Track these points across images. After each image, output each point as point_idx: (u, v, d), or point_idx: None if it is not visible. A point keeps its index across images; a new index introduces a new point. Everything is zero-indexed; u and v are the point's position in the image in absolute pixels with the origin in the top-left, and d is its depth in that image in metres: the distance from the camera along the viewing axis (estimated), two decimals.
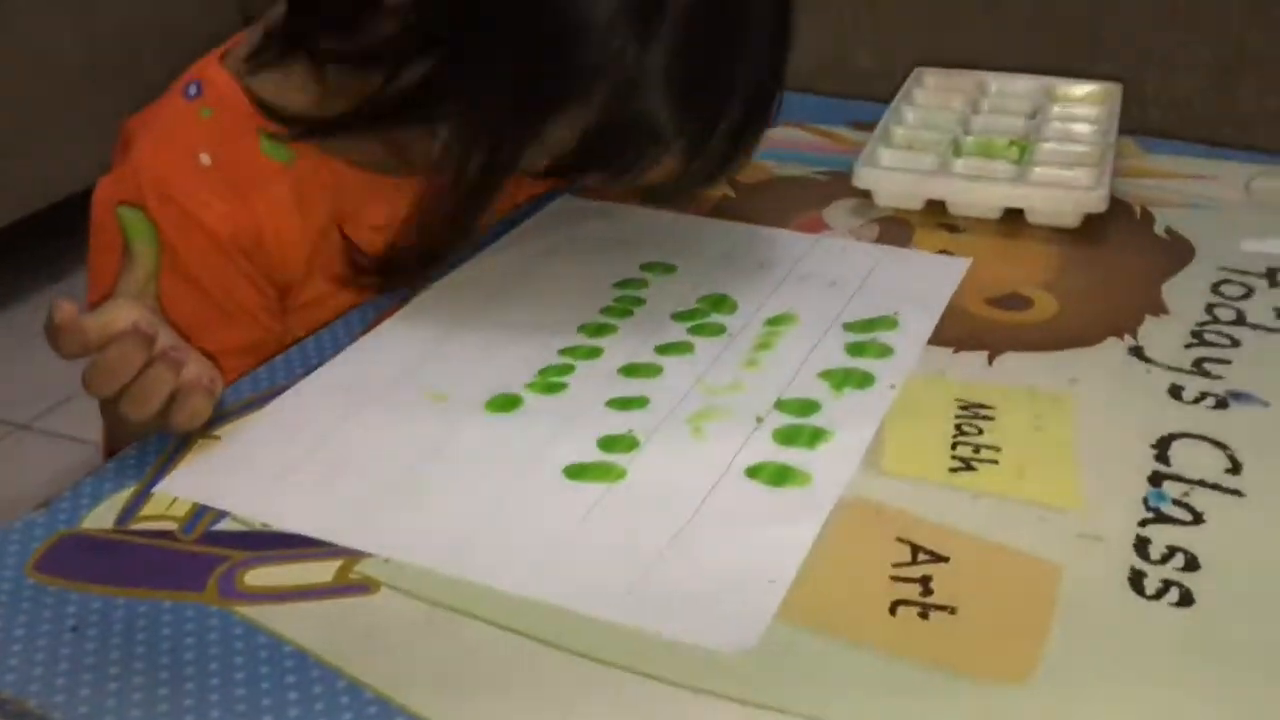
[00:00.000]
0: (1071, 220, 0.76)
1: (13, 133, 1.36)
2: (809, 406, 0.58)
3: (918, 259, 0.73)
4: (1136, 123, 1.38)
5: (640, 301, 0.68)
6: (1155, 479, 0.53)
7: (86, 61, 1.41)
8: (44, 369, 1.34)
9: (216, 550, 0.50)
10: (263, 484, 0.54)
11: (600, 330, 0.65)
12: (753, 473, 0.54)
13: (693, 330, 0.65)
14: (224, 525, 0.51)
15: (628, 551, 0.49)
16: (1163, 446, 0.55)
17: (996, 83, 0.92)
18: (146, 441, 0.56)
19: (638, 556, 0.49)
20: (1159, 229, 0.76)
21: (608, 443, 0.56)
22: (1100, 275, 0.71)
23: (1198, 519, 0.51)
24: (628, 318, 0.67)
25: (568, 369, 0.62)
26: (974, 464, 0.54)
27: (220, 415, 0.58)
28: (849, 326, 0.65)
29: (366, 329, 0.66)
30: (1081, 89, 0.91)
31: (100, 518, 0.52)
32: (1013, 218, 0.76)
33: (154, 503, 0.53)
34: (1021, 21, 1.35)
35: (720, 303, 0.68)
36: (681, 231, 0.76)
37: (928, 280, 0.70)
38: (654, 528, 0.50)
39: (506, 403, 0.59)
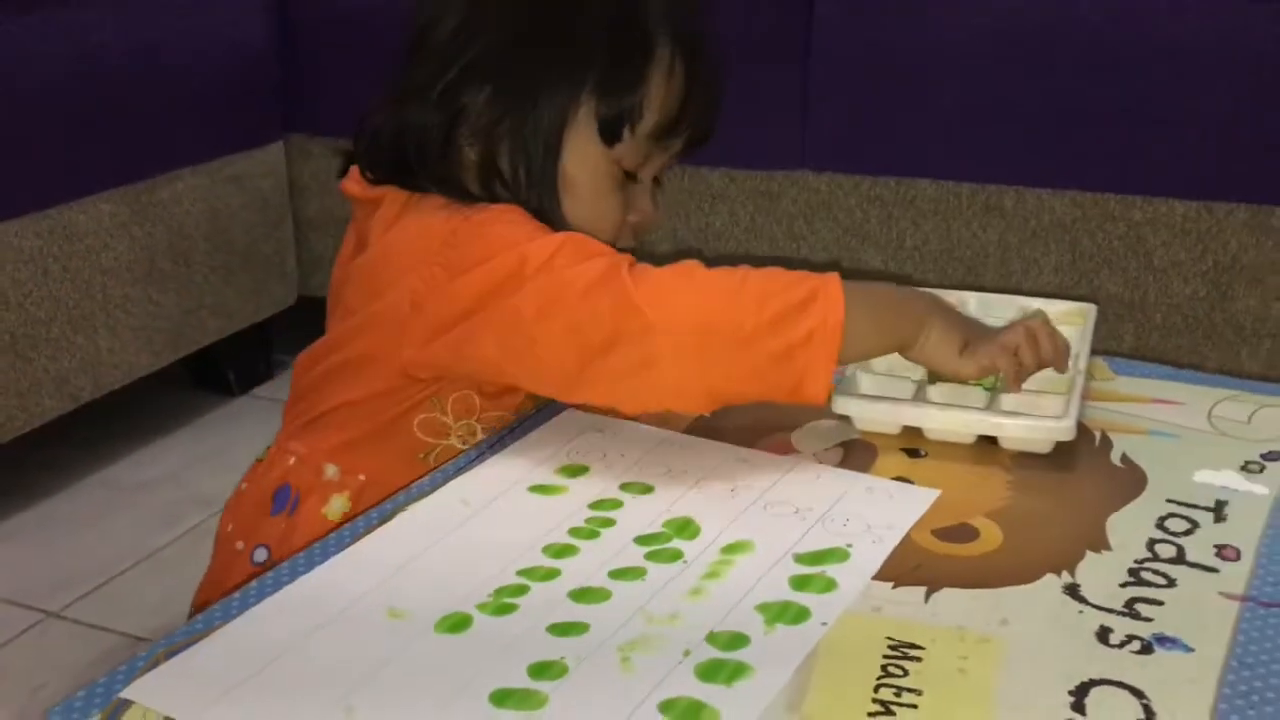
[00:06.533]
0: (1043, 447, 0.78)
1: (65, 331, 1.45)
2: (738, 640, 0.60)
3: (888, 489, 0.75)
4: (1138, 325, 1.40)
5: (610, 523, 0.71)
6: None
7: (141, 267, 1.52)
8: (75, 559, 1.40)
9: None
10: (203, 704, 0.56)
11: (563, 551, 0.68)
12: (665, 708, 0.55)
13: (650, 556, 0.68)
14: None
15: None
16: (1081, 694, 0.56)
17: (976, 302, 0.96)
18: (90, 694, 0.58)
19: None
20: (1115, 457, 0.78)
21: (538, 669, 0.58)
22: (1050, 506, 0.73)
23: None
24: (593, 539, 0.70)
25: (522, 590, 0.65)
26: (893, 707, 0.56)
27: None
28: (800, 558, 0.67)
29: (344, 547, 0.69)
30: (1056, 309, 0.94)
31: None
32: (988, 441, 0.79)
33: None
34: (1027, 229, 1.39)
35: (684, 527, 0.71)
36: (668, 450, 0.79)
37: (892, 511, 0.72)
38: None
39: (457, 623, 0.62)
